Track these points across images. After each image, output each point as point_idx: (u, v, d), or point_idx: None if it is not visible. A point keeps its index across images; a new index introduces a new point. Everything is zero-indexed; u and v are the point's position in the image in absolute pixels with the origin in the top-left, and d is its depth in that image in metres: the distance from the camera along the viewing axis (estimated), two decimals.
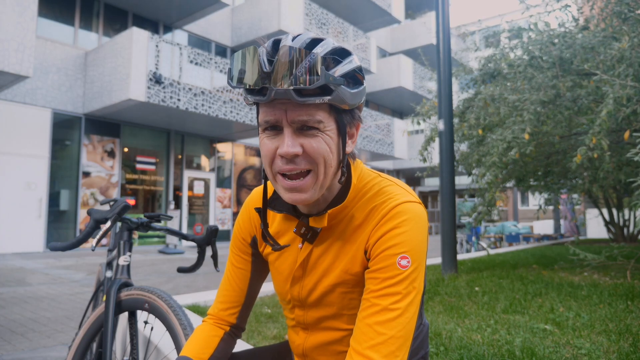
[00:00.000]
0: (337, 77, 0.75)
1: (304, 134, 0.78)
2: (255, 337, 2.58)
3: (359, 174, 0.89)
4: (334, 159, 0.81)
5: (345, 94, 0.77)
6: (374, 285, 0.80)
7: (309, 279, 0.91)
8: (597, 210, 10.35)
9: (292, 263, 0.93)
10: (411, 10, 21.40)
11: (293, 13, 13.82)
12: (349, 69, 0.78)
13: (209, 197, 13.69)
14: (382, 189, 0.87)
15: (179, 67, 11.09)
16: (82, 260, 8.37)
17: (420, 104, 6.95)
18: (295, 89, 0.73)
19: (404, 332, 0.77)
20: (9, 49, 7.38)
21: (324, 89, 0.75)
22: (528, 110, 4.36)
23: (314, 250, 0.90)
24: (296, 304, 0.96)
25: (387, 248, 0.80)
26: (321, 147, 0.78)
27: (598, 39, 4.36)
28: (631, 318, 2.80)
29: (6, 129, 9.52)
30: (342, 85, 0.76)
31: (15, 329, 3.57)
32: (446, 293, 3.78)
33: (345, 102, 0.78)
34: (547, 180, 7.07)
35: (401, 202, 0.83)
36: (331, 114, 0.79)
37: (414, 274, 0.79)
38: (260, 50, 0.77)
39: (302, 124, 0.77)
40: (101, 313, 1.51)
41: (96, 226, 1.57)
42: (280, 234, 0.95)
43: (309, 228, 0.87)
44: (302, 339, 0.98)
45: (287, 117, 0.77)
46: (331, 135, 0.80)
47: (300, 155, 0.78)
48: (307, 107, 0.76)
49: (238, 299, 1.02)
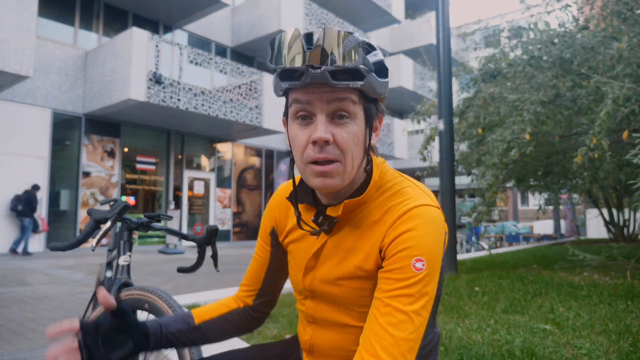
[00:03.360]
0: (371, 64, 0.79)
1: (334, 123, 0.81)
2: (255, 337, 2.58)
3: (381, 170, 0.90)
4: (360, 149, 0.84)
5: (375, 81, 0.81)
6: (387, 286, 0.80)
7: (321, 269, 0.92)
8: (597, 210, 10.35)
9: (307, 252, 0.94)
10: (411, 10, 21.37)
11: (293, 13, 13.83)
12: (378, 59, 0.82)
13: (209, 197, 13.69)
14: (402, 189, 0.87)
15: (179, 67, 11.10)
16: (82, 260, 8.37)
17: (420, 104, 6.95)
18: (330, 70, 0.76)
19: (415, 335, 0.77)
20: (9, 49, 7.38)
21: (356, 75, 0.78)
22: (528, 110, 4.36)
23: (329, 241, 0.91)
24: (308, 295, 0.96)
25: (403, 249, 0.80)
26: (350, 137, 0.81)
27: (598, 39, 4.36)
28: (631, 318, 2.80)
29: (6, 129, 9.52)
30: (374, 73, 0.80)
31: (15, 329, 3.58)
32: (446, 293, 3.78)
33: (375, 90, 0.82)
34: (547, 180, 7.07)
35: (419, 204, 0.83)
36: (360, 102, 0.83)
37: (428, 278, 0.79)
38: (297, 37, 0.79)
39: (334, 110, 0.80)
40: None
41: (96, 226, 1.57)
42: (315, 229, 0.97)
43: (326, 217, 0.89)
44: (309, 334, 0.98)
45: (320, 102, 0.80)
46: (360, 125, 0.83)
47: (331, 143, 0.80)
48: (340, 92, 0.79)
49: (255, 283, 1.07)
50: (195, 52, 10.98)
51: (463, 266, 5.61)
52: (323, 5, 15.86)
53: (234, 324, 1.07)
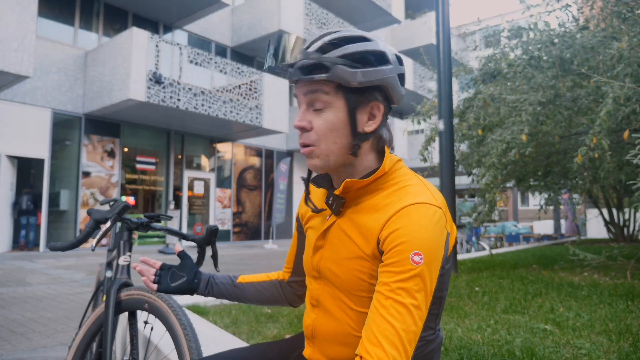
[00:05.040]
0: (333, 57, 0.87)
1: (312, 112, 0.92)
2: (255, 337, 2.58)
3: (392, 164, 0.94)
4: (340, 135, 0.91)
5: (345, 72, 0.87)
6: (387, 278, 0.82)
7: (328, 250, 0.97)
8: (597, 210, 10.35)
9: (318, 232, 1.01)
10: (411, 10, 21.38)
11: (293, 13, 13.82)
12: (352, 51, 0.88)
13: (209, 197, 13.69)
14: (408, 185, 0.90)
15: (179, 67, 11.10)
16: (82, 260, 8.37)
17: (420, 104, 6.95)
18: (299, 66, 0.89)
19: (415, 328, 0.80)
20: (9, 49, 7.38)
21: (321, 68, 0.88)
22: (526, 110, 4.36)
23: (337, 222, 0.96)
24: (315, 276, 1.01)
25: (400, 243, 0.82)
26: (324, 123, 0.91)
27: (598, 39, 4.36)
28: (631, 318, 2.79)
29: (6, 129, 9.52)
30: (341, 65, 0.86)
31: (15, 329, 3.57)
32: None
33: (348, 80, 0.87)
34: (547, 180, 7.06)
35: (419, 202, 0.85)
36: (338, 92, 0.90)
37: (426, 272, 0.81)
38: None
39: (310, 100, 0.91)
40: (101, 313, 1.51)
41: (96, 226, 1.57)
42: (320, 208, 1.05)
43: (334, 198, 0.95)
44: (312, 318, 1.01)
45: (301, 95, 0.93)
46: (337, 112, 0.90)
47: (309, 130, 0.92)
48: (312, 85, 0.90)
49: (290, 260, 1.20)
50: (195, 52, 10.97)
51: (463, 266, 5.62)
52: (323, 5, 15.86)
53: (270, 292, 1.21)
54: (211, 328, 2.54)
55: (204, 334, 2.21)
